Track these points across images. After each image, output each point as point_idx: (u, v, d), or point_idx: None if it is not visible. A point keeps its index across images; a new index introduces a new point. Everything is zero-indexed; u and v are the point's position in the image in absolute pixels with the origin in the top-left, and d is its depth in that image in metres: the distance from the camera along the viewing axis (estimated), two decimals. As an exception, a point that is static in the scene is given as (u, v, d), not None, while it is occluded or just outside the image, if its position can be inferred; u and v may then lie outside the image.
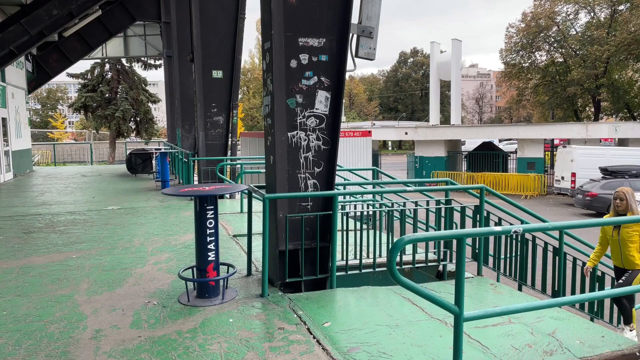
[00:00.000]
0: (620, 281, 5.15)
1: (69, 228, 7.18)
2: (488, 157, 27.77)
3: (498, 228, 2.80)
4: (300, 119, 4.53)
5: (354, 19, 4.69)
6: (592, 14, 35.34)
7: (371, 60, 4.85)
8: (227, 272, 4.39)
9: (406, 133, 30.56)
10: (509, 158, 27.79)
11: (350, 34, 4.66)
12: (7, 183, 13.67)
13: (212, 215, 4.10)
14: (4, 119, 14.28)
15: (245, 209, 8.45)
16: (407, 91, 68.62)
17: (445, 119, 48.43)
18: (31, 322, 3.73)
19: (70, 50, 17.01)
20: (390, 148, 64.49)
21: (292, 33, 4.42)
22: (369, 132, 17.66)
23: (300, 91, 4.49)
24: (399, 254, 3.16)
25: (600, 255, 5.39)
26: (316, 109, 4.56)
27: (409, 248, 5.07)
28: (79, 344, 3.34)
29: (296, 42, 4.43)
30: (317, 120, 4.58)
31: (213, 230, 4.12)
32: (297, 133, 4.53)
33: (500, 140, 43.07)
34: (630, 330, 5.16)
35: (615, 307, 5.63)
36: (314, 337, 3.44)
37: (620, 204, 5.02)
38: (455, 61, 32.79)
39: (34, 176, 15.77)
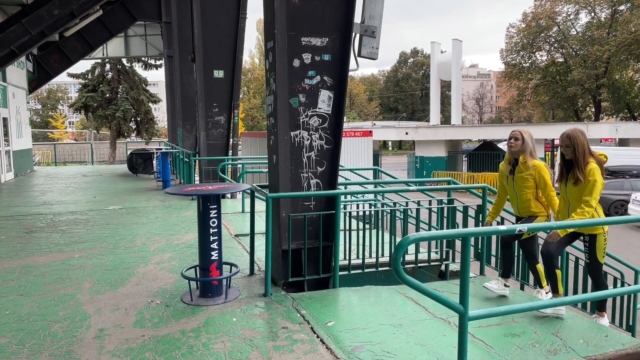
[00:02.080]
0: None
1: (71, 228, 7.18)
2: (489, 157, 27.76)
3: (502, 227, 2.80)
4: (303, 118, 4.53)
5: (357, 19, 4.69)
6: (592, 14, 35.36)
7: (374, 59, 4.85)
8: (230, 272, 4.39)
9: (407, 133, 30.56)
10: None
11: (353, 34, 4.66)
12: (8, 183, 13.67)
13: (215, 215, 4.10)
14: (4, 119, 14.28)
15: (247, 208, 8.46)
16: (407, 91, 68.64)
17: (445, 119, 48.45)
18: (34, 322, 3.72)
19: (71, 50, 17.01)
20: (390, 148, 64.49)
21: (295, 32, 4.41)
22: (370, 132, 17.66)
23: (303, 90, 4.49)
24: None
25: (499, 208, 4.60)
26: (319, 108, 4.56)
27: (411, 248, 5.07)
28: (82, 343, 3.33)
29: (299, 42, 4.43)
30: (320, 120, 4.58)
31: (216, 230, 4.12)
32: (299, 132, 4.53)
33: (498, 141, 43.03)
34: (547, 293, 4.29)
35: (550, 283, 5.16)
36: (318, 337, 3.43)
37: (514, 144, 4.21)
38: (455, 61, 32.80)
39: (35, 176, 15.76)
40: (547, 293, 4.29)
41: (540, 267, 4.28)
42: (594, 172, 3.77)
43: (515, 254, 5.72)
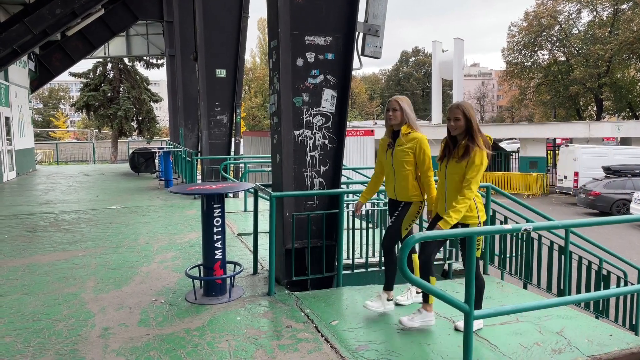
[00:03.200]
0: (393, 218, 3.78)
1: (74, 227, 7.19)
2: (490, 156, 27.70)
3: (508, 226, 2.80)
4: (307, 117, 4.53)
5: (360, 17, 4.68)
6: (594, 12, 35.28)
7: (377, 58, 4.84)
8: (234, 271, 4.39)
9: (408, 132, 30.48)
10: (511, 157, 27.75)
11: (357, 33, 4.66)
12: (10, 182, 13.68)
13: (219, 214, 4.10)
14: (7, 118, 14.29)
15: (249, 207, 8.46)
16: (408, 90, 68.55)
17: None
18: (39, 320, 3.73)
19: (72, 50, 17.01)
20: (391, 147, 64.39)
21: (298, 31, 4.42)
22: (372, 131, 17.65)
23: (306, 89, 4.49)
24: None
25: (374, 187, 4.03)
26: (322, 107, 4.56)
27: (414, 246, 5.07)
28: (87, 342, 3.34)
29: (302, 41, 4.43)
30: (324, 119, 4.58)
31: (220, 229, 4.12)
32: (303, 131, 4.53)
33: (500, 140, 42.97)
34: (417, 293, 3.98)
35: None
36: (322, 335, 3.44)
37: (393, 116, 3.69)
38: (457, 60, 32.76)
39: (37, 175, 15.78)
40: (417, 293, 3.94)
41: (416, 257, 3.77)
42: (482, 154, 3.29)
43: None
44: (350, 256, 4.85)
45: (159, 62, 27.09)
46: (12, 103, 14.89)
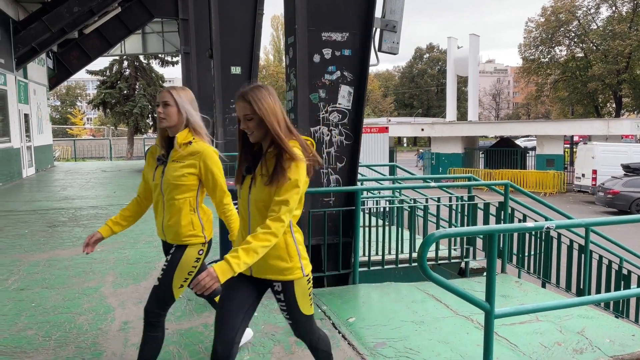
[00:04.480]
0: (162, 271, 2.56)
1: (92, 222, 7.29)
2: (506, 154, 27.39)
3: (530, 224, 2.76)
4: (323, 114, 4.52)
5: (377, 13, 4.65)
6: (613, 8, 34.58)
7: (395, 54, 4.82)
8: (251, 267, 4.39)
9: (422, 129, 30.32)
10: (527, 155, 27.40)
11: (374, 28, 4.63)
12: (29, 178, 13.93)
13: (236, 210, 4.10)
14: (26, 115, 14.54)
15: (264, 204, 8.49)
16: (422, 87, 68.10)
17: (461, 115, 47.97)
18: (60, 314, 3.79)
19: (90, 48, 17.24)
20: (405, 145, 64.13)
21: (315, 28, 4.40)
22: (387, 128, 17.56)
23: (323, 86, 4.47)
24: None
25: (126, 213, 2.75)
26: (339, 104, 4.54)
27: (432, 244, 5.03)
28: (107, 336, 3.38)
29: (319, 37, 4.42)
30: (340, 115, 4.56)
31: (237, 225, 4.12)
32: (319, 128, 4.52)
33: (516, 138, 42.51)
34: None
35: None
36: (339, 332, 3.43)
37: (164, 114, 2.45)
38: (472, 56, 32.43)
39: (56, 171, 16.04)
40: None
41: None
42: (299, 166, 2.06)
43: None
44: (367, 253, 4.83)
45: (174, 59, 27.31)
46: (31, 100, 15.15)
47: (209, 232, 2.66)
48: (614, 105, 37.75)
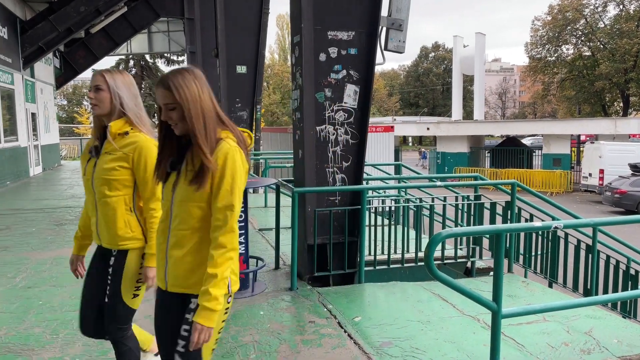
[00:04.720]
0: (108, 283, 2.31)
1: (99, 221, 7.32)
2: (512, 153, 27.26)
3: (538, 223, 2.74)
4: (329, 113, 4.51)
5: (384, 12, 4.64)
6: (621, 6, 34.32)
7: (401, 53, 4.80)
8: (257, 265, 4.41)
9: (428, 128, 30.25)
10: (533, 154, 27.26)
11: (380, 27, 4.62)
12: (36, 177, 14.02)
13: (242, 209, 4.12)
14: (33, 114, 14.64)
15: (269, 203, 8.50)
16: (428, 86, 67.90)
17: (467, 114, 47.76)
18: (67, 312, 3.81)
19: (96, 47, 17.31)
20: (410, 144, 63.99)
21: (321, 26, 4.39)
22: (392, 127, 17.51)
23: (329, 85, 4.47)
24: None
25: (88, 222, 2.40)
26: (345, 102, 4.53)
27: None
28: (114, 334, 3.39)
29: (325, 36, 4.41)
30: (346, 114, 4.55)
31: (243, 224, 4.14)
32: (325, 127, 4.52)
33: (522, 137, 42.30)
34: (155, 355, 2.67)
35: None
36: (345, 331, 3.43)
37: (95, 99, 2.20)
38: (478, 55, 32.31)
39: (62, 170, 16.14)
40: (155, 355, 2.67)
41: (136, 328, 2.61)
42: (234, 159, 1.75)
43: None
44: (372, 253, 4.83)
45: (180, 58, 27.44)
46: (38, 99, 15.24)
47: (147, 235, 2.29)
48: (621, 104, 37.50)
